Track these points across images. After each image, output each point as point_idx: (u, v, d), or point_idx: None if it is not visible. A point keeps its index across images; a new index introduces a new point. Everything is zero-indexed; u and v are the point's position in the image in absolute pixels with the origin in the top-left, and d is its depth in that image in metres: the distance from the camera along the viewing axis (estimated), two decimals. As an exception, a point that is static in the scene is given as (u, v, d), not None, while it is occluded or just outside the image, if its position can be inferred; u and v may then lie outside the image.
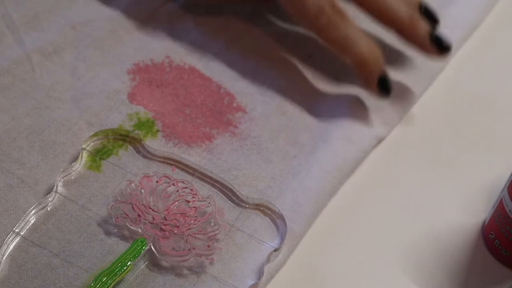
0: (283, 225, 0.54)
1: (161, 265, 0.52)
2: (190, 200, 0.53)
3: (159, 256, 0.51)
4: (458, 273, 0.55)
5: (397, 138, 0.62)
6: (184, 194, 0.54)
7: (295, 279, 0.53)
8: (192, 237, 0.52)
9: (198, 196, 0.54)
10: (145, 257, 0.52)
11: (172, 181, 0.54)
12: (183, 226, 0.52)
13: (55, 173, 0.55)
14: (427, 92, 0.65)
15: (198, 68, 0.63)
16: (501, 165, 0.59)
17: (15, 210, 0.53)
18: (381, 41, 0.67)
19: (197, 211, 0.53)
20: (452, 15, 0.69)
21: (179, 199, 0.53)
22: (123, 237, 0.52)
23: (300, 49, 0.66)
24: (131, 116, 0.59)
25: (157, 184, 0.54)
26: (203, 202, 0.54)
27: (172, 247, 0.51)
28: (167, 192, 0.54)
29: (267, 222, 0.55)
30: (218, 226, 0.53)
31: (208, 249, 0.52)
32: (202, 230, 0.52)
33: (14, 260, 0.51)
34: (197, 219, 0.53)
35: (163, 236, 0.52)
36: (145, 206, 0.53)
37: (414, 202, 0.58)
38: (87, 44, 0.63)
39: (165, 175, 0.54)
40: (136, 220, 0.52)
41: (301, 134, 0.60)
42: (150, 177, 0.54)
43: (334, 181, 0.57)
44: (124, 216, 0.52)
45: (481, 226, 0.57)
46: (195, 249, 0.51)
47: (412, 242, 0.56)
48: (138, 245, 0.51)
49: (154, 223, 0.52)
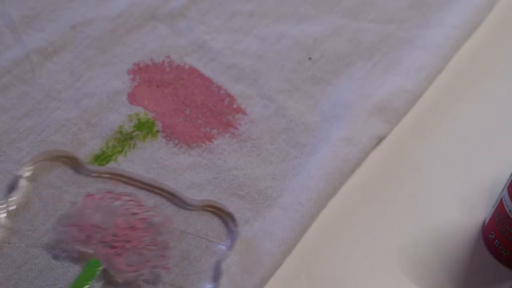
0: (233, 222, 0.54)
1: (117, 282, 0.51)
2: (137, 212, 0.53)
3: (114, 274, 0.51)
4: (458, 273, 0.55)
5: (397, 138, 0.62)
6: (130, 207, 0.53)
7: (295, 279, 0.53)
8: (145, 250, 0.51)
9: (144, 206, 0.53)
10: (100, 277, 0.50)
11: (115, 195, 0.54)
12: (134, 240, 0.52)
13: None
14: (427, 91, 0.65)
15: (198, 68, 0.63)
16: (501, 165, 0.59)
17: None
18: (380, 41, 0.67)
19: (146, 222, 0.53)
20: (452, 15, 0.69)
21: (125, 213, 0.53)
22: (75, 260, 0.51)
23: (300, 51, 0.65)
24: (131, 117, 0.59)
25: (101, 201, 0.53)
26: (150, 212, 0.53)
27: (126, 263, 0.51)
28: (112, 207, 0.53)
29: (217, 221, 0.55)
30: (168, 234, 0.52)
31: (163, 258, 0.51)
32: (154, 241, 0.52)
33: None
34: (147, 230, 0.52)
35: (115, 253, 0.51)
36: (92, 225, 0.52)
37: (414, 202, 0.58)
38: (87, 44, 0.63)
39: (108, 191, 0.54)
40: (86, 242, 0.51)
41: (301, 135, 0.60)
42: (93, 195, 0.53)
43: (335, 182, 0.57)
44: (73, 239, 0.51)
45: (481, 226, 0.57)
46: (150, 262, 0.51)
47: (412, 242, 0.56)
48: (92, 266, 0.50)
49: (104, 241, 0.51)
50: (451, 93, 0.66)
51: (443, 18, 0.69)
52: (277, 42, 0.66)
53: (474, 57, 0.68)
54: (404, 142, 0.62)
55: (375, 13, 0.69)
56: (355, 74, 0.64)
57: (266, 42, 0.66)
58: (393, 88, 0.63)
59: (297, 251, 0.54)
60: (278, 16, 0.68)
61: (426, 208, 0.58)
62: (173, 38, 0.65)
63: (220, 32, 0.66)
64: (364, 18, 0.69)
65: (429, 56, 0.66)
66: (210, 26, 0.66)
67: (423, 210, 0.58)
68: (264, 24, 0.67)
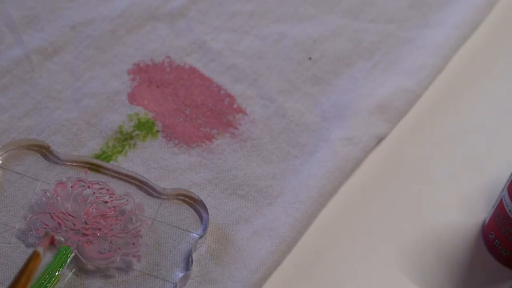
0: (205, 211, 0.54)
1: (89, 269, 0.51)
2: (108, 201, 0.53)
3: (86, 261, 0.51)
4: (458, 273, 0.55)
5: (398, 138, 0.62)
6: (101, 195, 0.54)
7: (294, 278, 0.53)
8: (115, 237, 0.52)
9: (115, 195, 0.54)
10: (71, 265, 0.51)
11: (87, 184, 0.54)
12: (105, 227, 0.52)
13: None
14: (427, 91, 0.65)
15: (199, 69, 0.63)
16: (501, 165, 0.59)
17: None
18: (380, 41, 0.67)
19: (117, 210, 0.53)
20: (452, 15, 0.69)
21: (96, 201, 0.53)
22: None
23: (300, 51, 0.65)
24: (131, 116, 0.59)
25: (73, 189, 0.53)
26: (121, 201, 0.54)
27: (97, 250, 0.51)
28: (83, 196, 0.53)
29: (188, 210, 0.55)
30: (140, 222, 0.53)
31: (133, 246, 0.52)
32: (125, 229, 0.52)
33: None
34: (117, 218, 0.53)
35: (86, 240, 0.51)
36: (63, 213, 0.52)
37: (414, 202, 0.58)
38: (87, 44, 0.63)
39: (79, 179, 0.54)
40: (57, 229, 0.52)
41: (301, 135, 0.60)
42: (64, 183, 0.54)
43: (335, 181, 0.57)
44: (44, 226, 0.52)
45: (481, 226, 0.57)
46: (120, 249, 0.51)
47: (412, 242, 0.56)
48: (63, 253, 0.51)
49: (75, 229, 0.52)
50: (451, 93, 0.66)
51: (443, 18, 0.69)
52: (277, 42, 0.66)
53: (474, 57, 0.68)
54: (404, 141, 0.62)
55: (375, 13, 0.69)
56: (355, 74, 0.64)
57: (266, 42, 0.66)
58: (393, 87, 0.63)
59: (297, 250, 0.54)
60: (278, 16, 0.68)
61: (426, 208, 0.58)
62: (173, 38, 0.65)
63: (220, 32, 0.66)
64: (364, 18, 0.69)
65: (429, 56, 0.66)
66: (210, 26, 0.66)
67: (423, 210, 0.58)
68: (264, 24, 0.67)
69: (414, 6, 0.70)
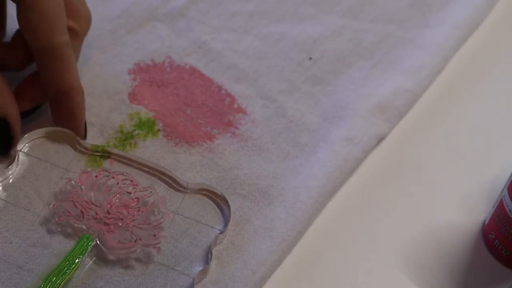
0: (227, 207, 0.54)
1: (109, 259, 0.52)
2: (131, 191, 0.54)
3: (106, 250, 0.51)
4: (458, 273, 0.55)
5: (398, 138, 0.62)
6: (124, 186, 0.54)
7: (295, 278, 0.53)
8: (137, 228, 0.52)
9: (138, 186, 0.54)
10: (92, 253, 0.52)
11: (111, 174, 0.54)
12: (127, 218, 0.52)
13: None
14: (427, 91, 0.65)
15: (199, 69, 0.63)
16: (501, 165, 0.59)
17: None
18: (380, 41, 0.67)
19: (139, 202, 0.53)
20: (452, 15, 0.69)
21: (120, 192, 0.54)
22: (68, 235, 0.52)
23: (300, 51, 0.66)
24: (131, 116, 0.59)
25: (97, 179, 0.54)
26: (144, 192, 0.54)
27: (118, 240, 0.51)
28: (107, 185, 0.54)
29: (211, 205, 0.55)
30: (161, 215, 0.53)
31: (154, 238, 0.52)
32: (146, 220, 0.53)
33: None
34: (140, 209, 0.53)
35: (108, 230, 0.52)
36: (87, 202, 0.53)
37: (414, 202, 0.58)
38: (87, 44, 0.63)
39: (103, 169, 0.55)
40: (79, 217, 0.52)
41: (302, 135, 0.60)
42: (89, 173, 0.54)
43: (335, 181, 0.57)
44: (67, 214, 0.52)
45: (481, 226, 0.57)
46: (141, 240, 0.52)
47: (412, 242, 0.56)
48: (84, 241, 0.51)
49: (97, 218, 0.52)
50: (451, 93, 0.66)
51: (443, 18, 0.69)
52: (277, 42, 0.66)
53: (474, 57, 0.68)
54: (405, 141, 0.62)
55: (375, 13, 0.69)
56: (356, 74, 0.64)
57: (266, 42, 0.66)
58: (393, 87, 0.63)
59: (297, 250, 0.55)
60: (278, 16, 0.68)
61: (426, 208, 0.58)
62: (173, 38, 0.65)
63: (220, 32, 0.66)
64: (364, 18, 0.69)
65: (429, 56, 0.66)
66: (210, 26, 0.66)
67: (423, 210, 0.58)
68: (264, 24, 0.67)
69: (414, 6, 0.70)
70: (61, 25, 0.53)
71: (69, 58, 0.54)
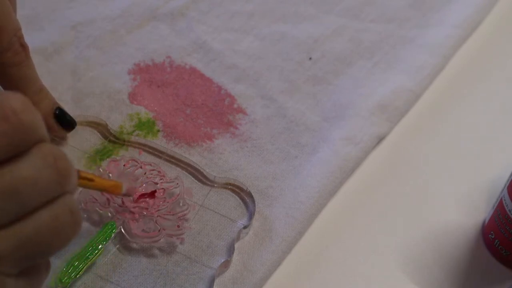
0: (252, 202, 0.55)
1: (132, 247, 0.52)
2: (158, 182, 0.54)
3: (130, 238, 0.52)
4: (458, 273, 0.55)
5: (398, 137, 0.62)
6: (151, 176, 0.54)
7: (294, 278, 0.54)
8: (161, 218, 0.52)
9: (165, 177, 0.55)
10: (116, 240, 0.52)
11: (139, 164, 0.55)
12: (152, 207, 0.53)
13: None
14: (427, 91, 0.65)
15: (199, 69, 0.63)
16: (501, 165, 0.59)
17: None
18: (381, 41, 0.67)
19: (166, 192, 0.54)
20: (452, 14, 0.69)
21: (147, 181, 0.54)
22: (93, 221, 0.53)
23: (301, 51, 0.66)
24: (131, 116, 0.59)
25: (125, 168, 0.54)
26: (171, 183, 0.54)
27: (142, 229, 0.52)
28: (134, 175, 0.54)
29: (236, 200, 0.56)
30: (187, 206, 0.54)
31: (178, 229, 0.52)
32: (171, 211, 0.53)
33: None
34: (165, 200, 0.53)
35: (132, 218, 0.52)
36: None
37: (414, 202, 0.58)
38: (87, 44, 0.63)
39: (132, 159, 0.55)
40: (105, 204, 0.53)
41: (302, 135, 0.60)
42: (117, 161, 0.55)
43: (336, 180, 0.57)
44: (93, 201, 0.53)
45: (481, 226, 0.57)
46: (165, 230, 0.52)
47: (412, 242, 0.56)
48: (108, 228, 0.52)
49: (123, 206, 0.53)
50: (451, 93, 0.66)
51: (444, 17, 0.69)
52: (278, 42, 0.66)
53: (474, 57, 0.68)
54: (405, 141, 0.62)
55: (375, 13, 0.69)
56: (356, 74, 0.64)
57: (266, 42, 0.66)
58: (393, 87, 0.63)
59: (297, 250, 0.55)
60: (279, 16, 0.68)
61: (426, 208, 0.58)
62: (174, 38, 0.65)
63: (221, 32, 0.66)
64: (365, 18, 0.69)
65: (430, 56, 0.66)
66: (210, 26, 0.66)
67: (423, 210, 0.58)
68: (264, 24, 0.67)
69: (414, 5, 0.70)
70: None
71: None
